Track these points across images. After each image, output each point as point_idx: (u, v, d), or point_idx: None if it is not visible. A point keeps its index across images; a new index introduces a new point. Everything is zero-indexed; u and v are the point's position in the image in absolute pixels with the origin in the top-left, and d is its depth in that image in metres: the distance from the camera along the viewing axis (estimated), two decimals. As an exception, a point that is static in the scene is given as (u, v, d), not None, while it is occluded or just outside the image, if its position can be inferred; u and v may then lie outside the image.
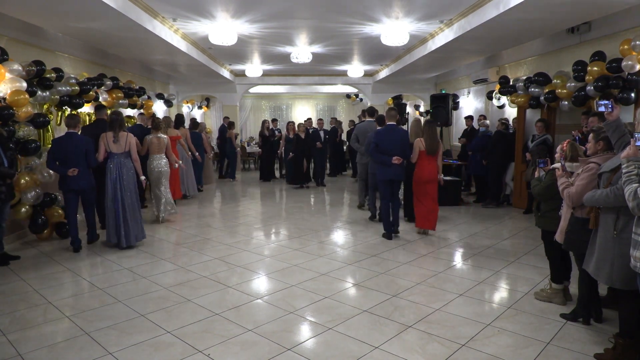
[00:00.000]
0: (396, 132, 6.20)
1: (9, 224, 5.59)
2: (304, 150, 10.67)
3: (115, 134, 5.69)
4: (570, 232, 3.50)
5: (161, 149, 7.11)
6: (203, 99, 16.58)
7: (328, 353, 3.15)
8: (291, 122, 11.47)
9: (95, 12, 5.31)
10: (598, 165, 3.26)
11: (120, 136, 5.71)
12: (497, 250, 5.66)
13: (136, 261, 5.27)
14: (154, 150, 7.07)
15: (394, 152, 6.06)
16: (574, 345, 3.24)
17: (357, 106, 18.63)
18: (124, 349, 3.20)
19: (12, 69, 5.36)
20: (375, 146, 6.15)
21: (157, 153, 7.08)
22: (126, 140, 5.75)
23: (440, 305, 3.97)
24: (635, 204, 2.50)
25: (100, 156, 5.67)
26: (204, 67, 10.30)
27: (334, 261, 5.24)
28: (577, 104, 6.55)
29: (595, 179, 3.24)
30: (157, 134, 7.10)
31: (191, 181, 9.31)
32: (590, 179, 3.27)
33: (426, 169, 6.28)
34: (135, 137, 6.00)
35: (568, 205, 3.50)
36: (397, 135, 6.17)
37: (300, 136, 10.70)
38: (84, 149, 5.50)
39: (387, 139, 6.13)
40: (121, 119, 5.84)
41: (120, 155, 5.71)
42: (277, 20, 6.92)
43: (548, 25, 6.22)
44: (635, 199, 2.50)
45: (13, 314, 3.83)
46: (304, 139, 10.72)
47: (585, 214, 3.28)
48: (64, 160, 5.42)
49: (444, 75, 12.71)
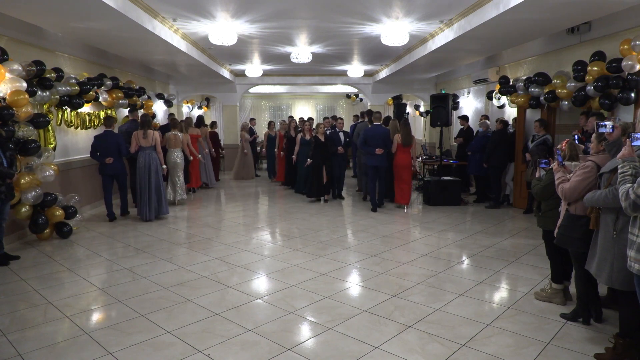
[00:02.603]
0: (379, 130, 8.15)
1: (9, 224, 5.60)
2: (324, 157, 8.95)
3: (144, 131, 7.24)
4: (562, 227, 3.54)
5: (177, 144, 8.55)
6: (203, 99, 16.58)
7: (328, 353, 3.15)
8: (308, 122, 10.13)
9: (95, 12, 5.31)
10: (595, 163, 3.30)
11: (148, 133, 7.26)
12: (497, 250, 5.66)
13: (136, 261, 5.27)
14: (170, 145, 8.51)
15: (378, 145, 7.99)
16: (574, 345, 3.24)
17: (357, 106, 18.62)
18: (124, 349, 3.20)
19: (12, 69, 5.36)
20: (364, 141, 8.12)
21: (173, 147, 8.53)
22: (152, 137, 7.28)
23: (440, 305, 3.97)
24: (628, 203, 2.52)
25: (132, 149, 7.23)
26: (204, 67, 10.30)
27: (334, 261, 5.24)
28: (577, 104, 6.55)
29: (591, 177, 3.29)
30: (174, 132, 8.55)
31: (210, 173, 10.90)
32: (585, 176, 3.32)
33: (401, 157, 8.11)
34: (159, 133, 7.59)
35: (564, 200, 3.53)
36: (380, 132, 8.11)
37: (320, 139, 8.95)
38: (117, 143, 7.17)
39: (373, 135, 8.05)
40: (149, 120, 7.47)
41: (148, 148, 7.27)
42: (277, 20, 6.92)
43: (548, 25, 6.22)
44: (627, 199, 2.52)
45: (13, 314, 3.83)
46: (324, 142, 8.96)
47: (587, 213, 3.29)
48: (103, 151, 7.06)
49: (444, 75, 12.71)
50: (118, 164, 7.22)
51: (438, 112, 9.18)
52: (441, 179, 8.66)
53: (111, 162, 7.09)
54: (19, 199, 5.68)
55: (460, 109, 11.72)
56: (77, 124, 7.74)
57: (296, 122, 10.96)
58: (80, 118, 7.83)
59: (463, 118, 10.11)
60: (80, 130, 7.96)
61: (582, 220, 3.37)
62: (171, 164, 8.49)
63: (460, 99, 11.82)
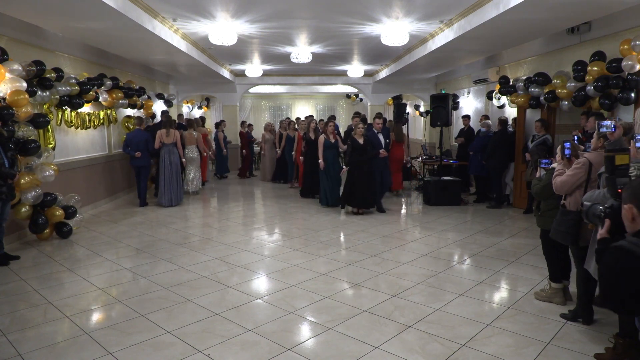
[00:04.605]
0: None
1: (9, 224, 5.60)
2: (364, 163, 7.59)
3: (167, 130, 8.55)
4: (555, 221, 3.60)
5: (192, 141, 9.70)
6: (203, 99, 16.58)
7: (328, 353, 3.15)
8: (331, 121, 8.72)
9: (95, 12, 5.31)
10: (588, 160, 3.40)
11: (171, 132, 8.57)
12: (497, 250, 5.66)
13: (136, 261, 5.28)
14: (187, 142, 9.62)
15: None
16: (574, 345, 3.24)
17: (357, 106, 18.62)
18: (124, 349, 3.20)
19: (12, 69, 5.36)
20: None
21: (189, 144, 9.69)
22: (174, 135, 8.62)
23: (440, 305, 3.97)
24: None
25: (156, 145, 8.49)
26: (204, 67, 10.29)
27: (334, 261, 5.24)
28: (577, 104, 6.55)
29: (581, 173, 3.40)
30: (190, 131, 9.74)
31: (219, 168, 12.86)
32: (576, 172, 3.43)
33: (395, 151, 9.19)
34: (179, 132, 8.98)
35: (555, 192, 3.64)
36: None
37: (358, 141, 7.60)
38: (144, 140, 8.45)
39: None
40: (171, 120, 8.91)
41: (170, 145, 8.59)
42: (277, 20, 6.92)
43: (548, 25, 6.21)
44: None
45: (13, 314, 3.83)
46: (363, 145, 7.62)
47: None
48: (133, 147, 8.34)
49: (444, 75, 12.71)
50: (144, 158, 8.47)
51: (438, 112, 9.18)
52: (441, 179, 8.66)
53: (139, 156, 8.34)
54: (19, 199, 5.68)
55: (460, 109, 11.72)
56: (77, 124, 7.74)
57: (316, 123, 9.83)
58: (80, 118, 7.82)
59: (466, 117, 10.10)
60: (80, 130, 7.96)
61: (570, 216, 3.45)
62: (188, 159, 9.63)
63: (460, 99, 11.81)
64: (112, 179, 9.22)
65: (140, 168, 8.56)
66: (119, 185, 9.57)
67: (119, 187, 9.53)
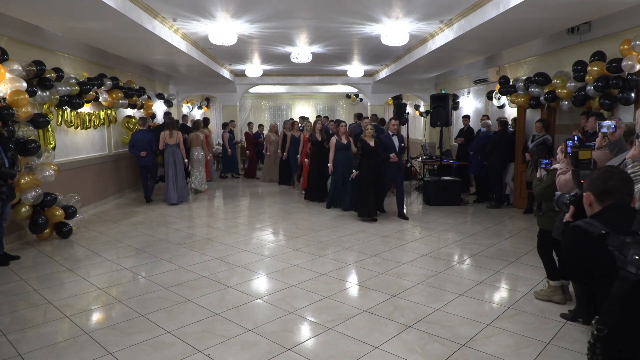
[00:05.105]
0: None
1: (9, 224, 5.60)
2: (376, 168, 7.30)
3: (170, 131, 8.81)
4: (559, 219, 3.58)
5: (197, 142, 9.89)
6: (203, 99, 16.57)
7: (328, 353, 3.15)
8: (343, 122, 8.35)
9: (95, 12, 5.30)
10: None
11: (174, 133, 8.83)
12: (497, 250, 5.66)
13: (136, 261, 5.28)
14: (192, 144, 9.83)
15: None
16: (574, 345, 3.24)
17: (357, 106, 18.62)
18: (124, 349, 3.20)
19: (12, 69, 5.36)
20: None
21: (194, 145, 9.88)
22: (177, 136, 8.84)
23: (440, 305, 3.97)
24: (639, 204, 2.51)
25: (160, 145, 8.77)
26: (204, 67, 10.29)
27: (334, 261, 5.24)
28: (577, 104, 6.55)
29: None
30: (195, 132, 9.96)
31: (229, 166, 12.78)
32: None
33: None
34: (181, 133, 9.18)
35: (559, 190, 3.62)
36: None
37: (369, 144, 7.21)
38: (148, 140, 8.77)
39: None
40: (174, 122, 9.21)
41: (173, 145, 8.84)
42: (277, 20, 6.92)
43: (548, 25, 6.21)
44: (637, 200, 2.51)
45: (13, 314, 3.83)
46: (374, 148, 7.24)
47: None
48: (138, 146, 8.67)
49: (444, 75, 12.70)
50: (149, 158, 8.77)
51: (438, 112, 9.18)
52: (441, 179, 8.66)
53: (145, 155, 8.64)
54: (19, 199, 5.68)
55: (460, 109, 11.72)
56: (77, 124, 7.74)
57: (322, 124, 9.36)
58: (80, 118, 7.82)
59: (466, 117, 10.11)
60: (80, 130, 7.96)
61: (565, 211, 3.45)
62: (193, 159, 9.91)
63: (460, 99, 11.81)
64: (112, 178, 9.23)
65: (147, 167, 8.85)
66: (120, 185, 9.57)
67: (119, 187, 9.53)
